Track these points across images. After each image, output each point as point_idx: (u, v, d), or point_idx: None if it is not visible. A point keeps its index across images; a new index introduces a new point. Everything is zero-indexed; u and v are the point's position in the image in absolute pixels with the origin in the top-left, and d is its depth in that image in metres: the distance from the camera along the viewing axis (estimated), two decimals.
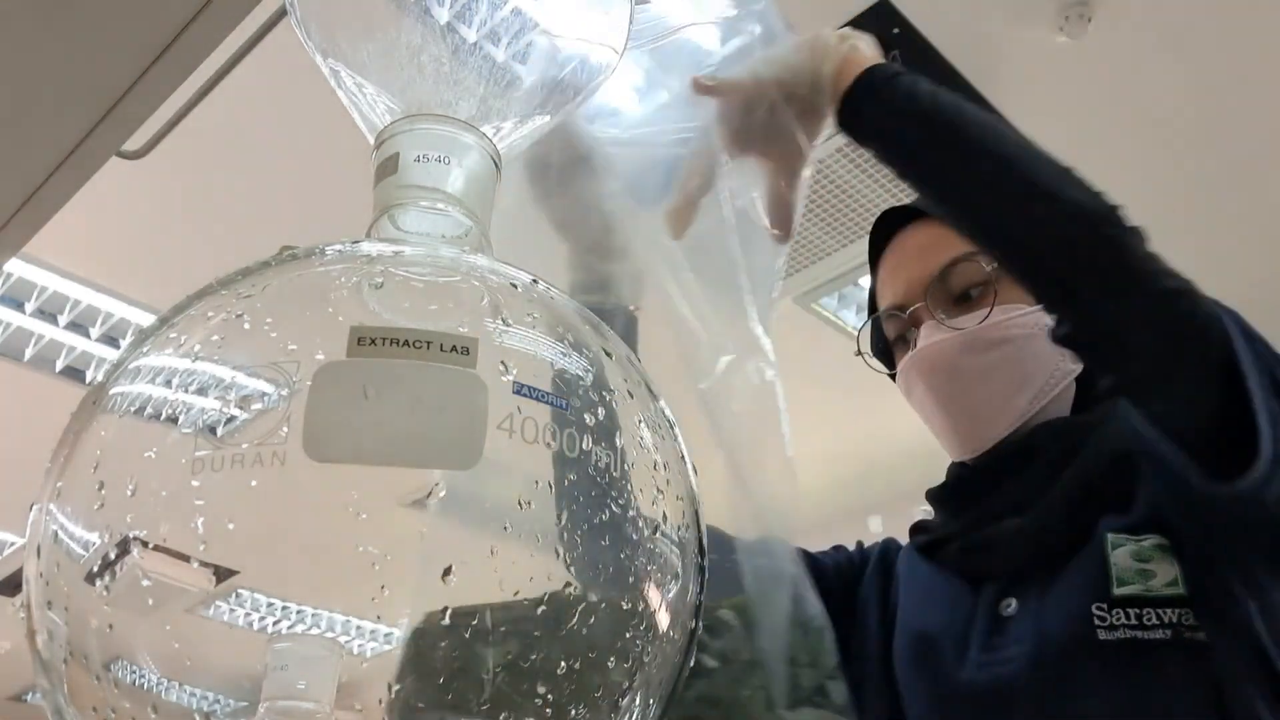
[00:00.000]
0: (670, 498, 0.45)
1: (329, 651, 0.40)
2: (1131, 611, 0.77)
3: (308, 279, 0.46)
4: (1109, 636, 0.77)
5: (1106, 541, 0.81)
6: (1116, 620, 0.77)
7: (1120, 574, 0.79)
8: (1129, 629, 0.77)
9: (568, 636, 0.41)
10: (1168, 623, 0.77)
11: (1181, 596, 0.77)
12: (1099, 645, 0.77)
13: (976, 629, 0.85)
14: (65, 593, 0.40)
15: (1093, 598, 0.79)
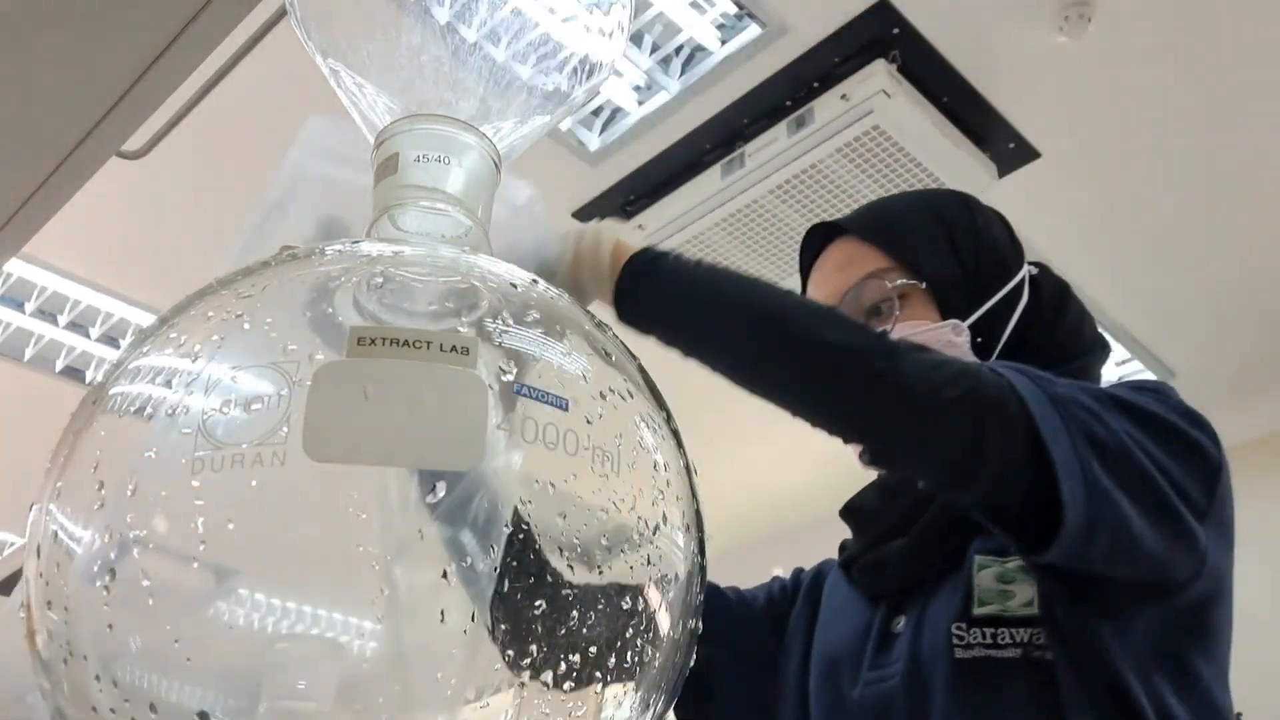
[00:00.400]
0: (670, 498, 0.45)
1: (329, 651, 0.40)
2: (988, 631, 0.81)
3: (308, 279, 0.46)
4: (965, 655, 0.80)
5: (974, 563, 0.84)
6: (973, 639, 0.81)
7: (982, 595, 0.82)
8: (984, 648, 0.80)
9: (568, 636, 0.41)
10: (1019, 642, 0.80)
11: (1034, 616, 0.80)
12: (956, 664, 0.80)
13: (870, 647, 0.88)
14: (65, 593, 0.40)
15: (955, 617, 0.82)
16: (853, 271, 0.95)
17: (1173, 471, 0.78)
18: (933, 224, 0.97)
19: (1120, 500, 0.73)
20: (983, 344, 0.93)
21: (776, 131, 2.31)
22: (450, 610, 0.40)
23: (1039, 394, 0.74)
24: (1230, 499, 0.85)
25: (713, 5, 2.15)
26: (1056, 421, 0.72)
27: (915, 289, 0.93)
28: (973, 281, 0.95)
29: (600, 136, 2.44)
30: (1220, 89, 2.26)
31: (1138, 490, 0.74)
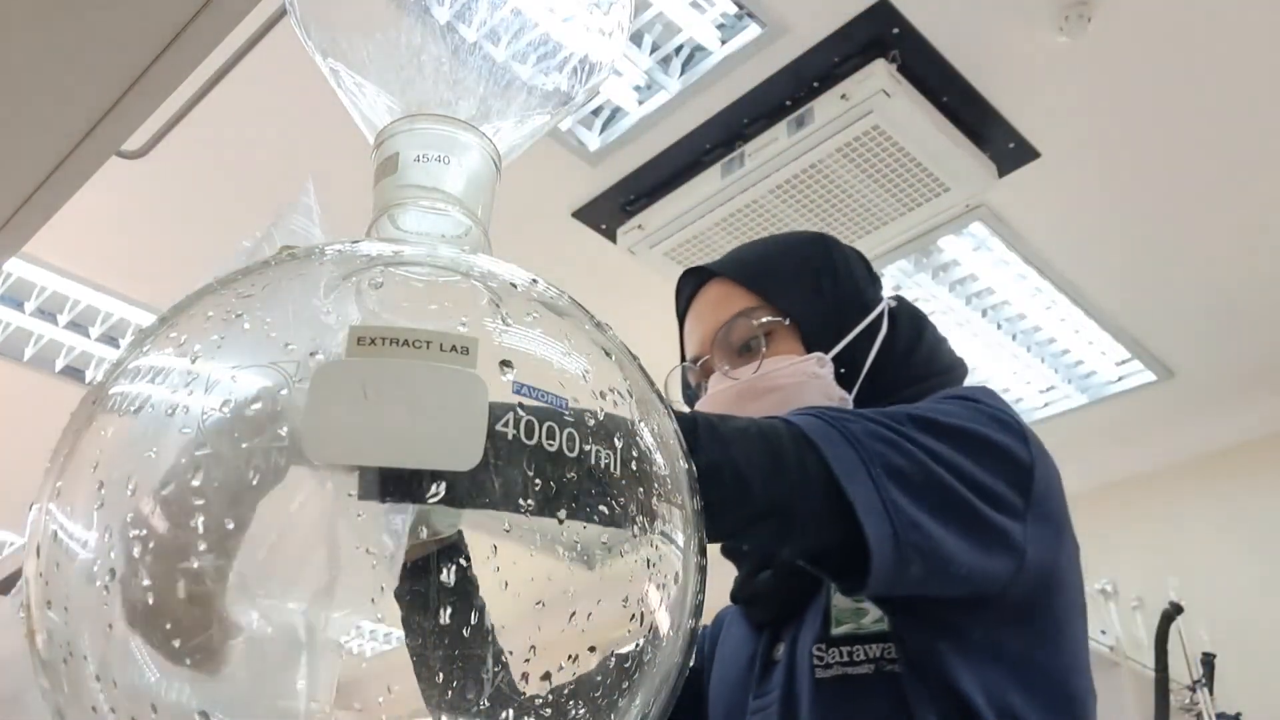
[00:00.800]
0: (670, 497, 0.45)
1: (329, 651, 0.40)
2: (844, 649, 0.85)
3: (308, 279, 0.46)
4: (824, 675, 0.85)
5: (829, 586, 0.88)
6: (832, 659, 0.85)
7: (838, 615, 0.87)
8: (841, 666, 0.85)
9: (567, 636, 0.41)
10: (872, 658, 0.84)
11: (884, 632, 0.84)
12: (817, 684, 0.85)
13: (754, 676, 0.93)
14: (65, 593, 0.40)
15: (816, 639, 0.86)
16: (724, 311, 1.01)
17: (980, 479, 0.80)
18: (796, 264, 1.03)
19: (927, 524, 0.75)
20: (846, 374, 0.98)
21: (776, 131, 2.31)
22: (451, 610, 0.40)
23: (833, 435, 0.76)
24: (1053, 492, 0.87)
25: (713, 5, 2.15)
26: (853, 460, 0.75)
27: (780, 325, 0.99)
28: (834, 316, 1.00)
29: (600, 136, 2.45)
30: (1220, 89, 2.26)
31: (944, 509, 0.77)
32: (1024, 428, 0.87)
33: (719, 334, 1.00)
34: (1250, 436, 3.31)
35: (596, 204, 2.60)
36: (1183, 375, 3.15)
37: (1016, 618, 0.84)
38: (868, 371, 0.98)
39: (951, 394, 0.91)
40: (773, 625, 0.94)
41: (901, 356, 1.00)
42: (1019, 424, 0.87)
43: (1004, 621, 0.84)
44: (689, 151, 2.44)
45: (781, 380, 0.96)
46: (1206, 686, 2.92)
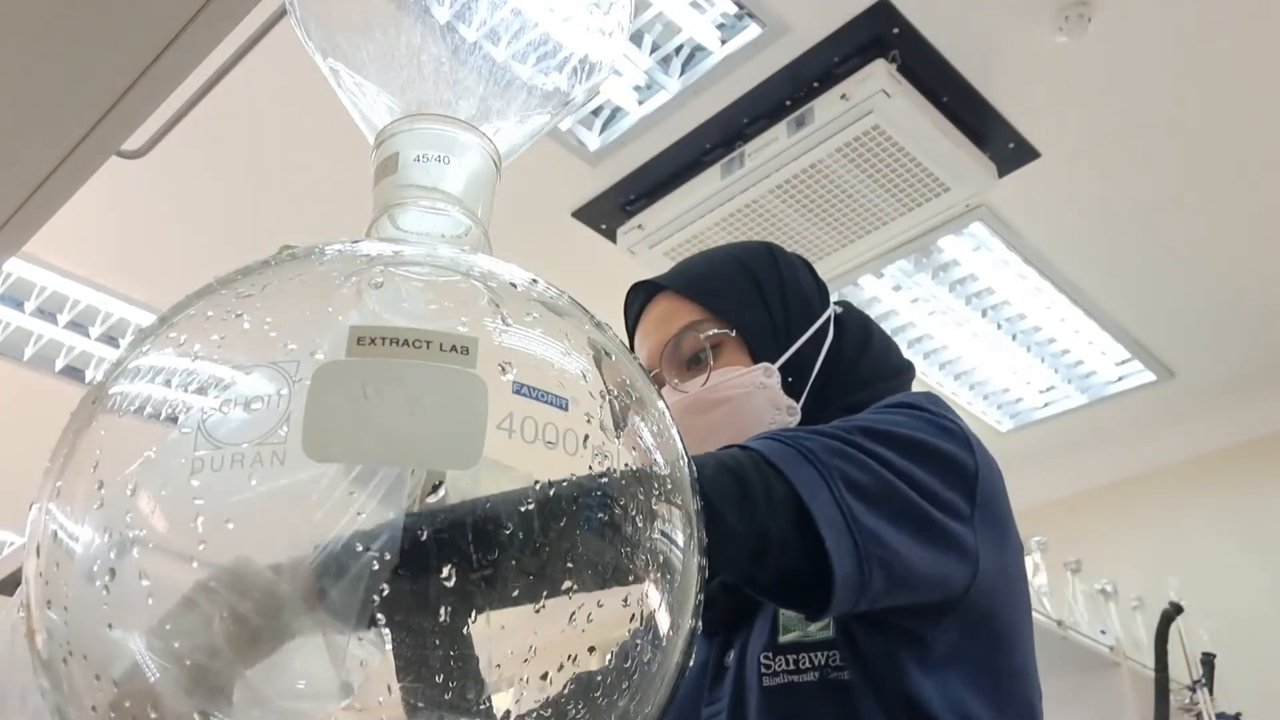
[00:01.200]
0: (670, 497, 0.45)
1: (329, 651, 0.40)
2: (790, 657, 0.86)
3: (307, 278, 0.46)
4: (771, 682, 0.85)
5: None
6: (778, 666, 0.86)
7: (786, 622, 0.87)
8: (787, 674, 0.85)
9: (567, 636, 0.41)
10: (817, 665, 0.84)
11: (829, 640, 0.85)
12: (764, 691, 0.85)
13: (706, 683, 0.93)
14: (65, 592, 0.40)
15: (764, 647, 0.87)
16: (671, 324, 1.02)
17: (932, 486, 0.82)
18: (740, 275, 1.04)
19: (887, 535, 0.76)
20: (793, 382, 0.99)
21: (776, 131, 2.31)
22: (451, 609, 0.40)
23: (791, 454, 0.76)
24: (997, 496, 0.89)
25: (713, 5, 2.16)
26: (815, 477, 0.75)
27: (727, 337, 1.00)
28: (780, 326, 1.01)
29: (600, 136, 2.45)
30: (1220, 89, 2.26)
31: (902, 519, 0.78)
32: (967, 434, 0.89)
33: (667, 347, 1.01)
34: (1250, 436, 3.31)
35: (596, 204, 2.60)
36: (1183, 375, 3.15)
37: (974, 621, 0.85)
38: (815, 378, 0.99)
39: (897, 402, 0.91)
40: (725, 632, 0.95)
41: (849, 363, 1.01)
42: (963, 431, 0.89)
43: (963, 626, 0.85)
44: (689, 151, 2.44)
45: (730, 391, 0.97)
46: (1206, 686, 2.92)
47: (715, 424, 0.97)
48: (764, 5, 2.10)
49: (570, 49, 0.60)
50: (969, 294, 2.86)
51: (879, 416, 0.86)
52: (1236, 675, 3.01)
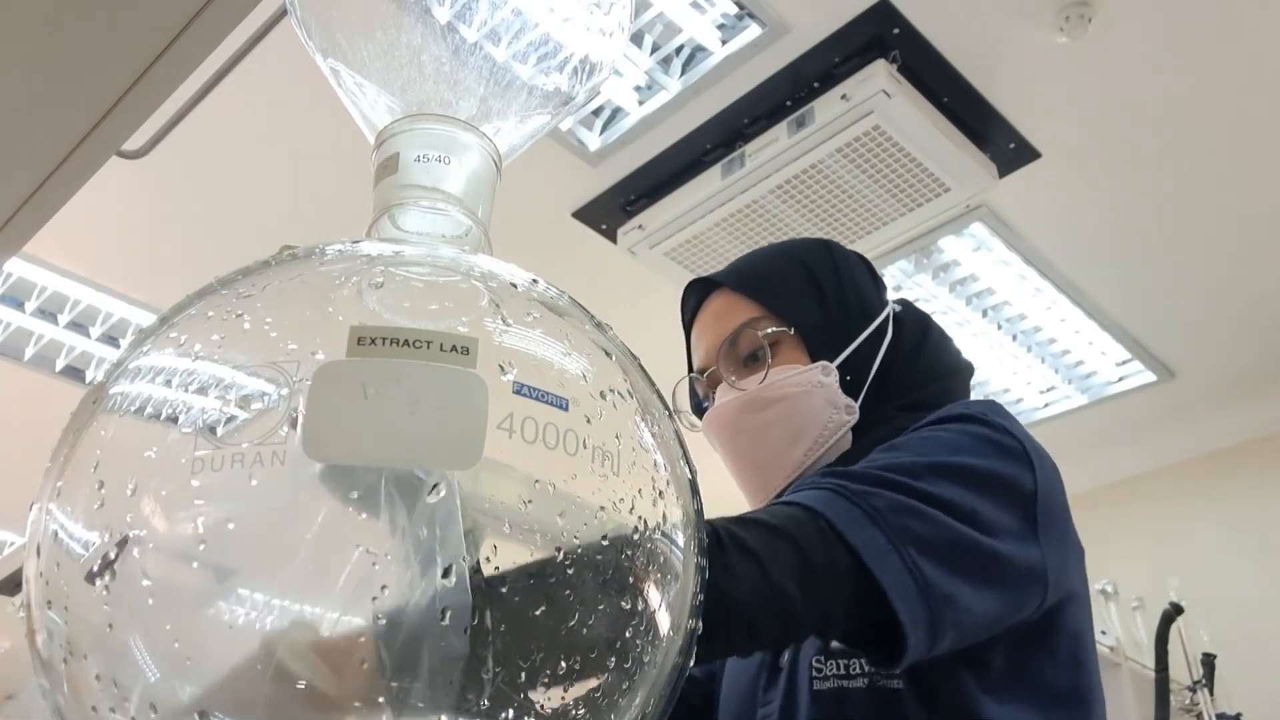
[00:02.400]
0: (670, 497, 0.45)
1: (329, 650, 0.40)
2: (841, 662, 0.86)
3: (308, 279, 0.46)
4: (821, 686, 0.86)
5: None
6: (829, 671, 0.86)
7: None
8: (837, 679, 0.85)
9: (567, 636, 0.41)
10: (866, 672, 0.84)
11: None
12: (814, 695, 0.86)
13: (761, 683, 0.93)
14: (65, 592, 0.40)
15: (815, 650, 0.87)
16: (728, 322, 1.01)
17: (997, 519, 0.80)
18: (798, 273, 1.03)
19: (959, 593, 0.75)
20: (851, 381, 0.98)
21: (777, 131, 2.31)
22: (450, 609, 0.40)
23: (858, 517, 0.74)
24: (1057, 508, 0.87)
25: (713, 5, 2.15)
26: (882, 542, 0.74)
27: (785, 335, 0.99)
28: (838, 324, 1.00)
29: (600, 136, 2.45)
30: (1220, 88, 2.26)
31: (973, 569, 0.77)
32: (1026, 448, 0.87)
33: (724, 345, 1.00)
34: (1250, 436, 3.31)
35: (596, 204, 2.60)
36: (1183, 375, 3.15)
37: (1037, 637, 0.84)
38: (873, 377, 0.98)
39: (957, 414, 0.89)
40: None
41: (907, 361, 1.00)
42: (1022, 445, 0.87)
43: (1026, 643, 0.84)
44: (689, 152, 2.44)
45: (787, 390, 0.96)
46: (1206, 687, 2.92)
47: (771, 422, 0.96)
48: (764, 5, 2.10)
49: (571, 49, 0.60)
50: (969, 294, 2.86)
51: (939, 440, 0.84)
52: (1236, 675, 3.01)
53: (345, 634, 0.39)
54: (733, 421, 0.98)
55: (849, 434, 0.97)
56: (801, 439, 0.96)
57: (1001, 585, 0.79)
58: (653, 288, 2.69)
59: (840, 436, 0.96)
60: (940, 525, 0.77)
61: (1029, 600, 0.82)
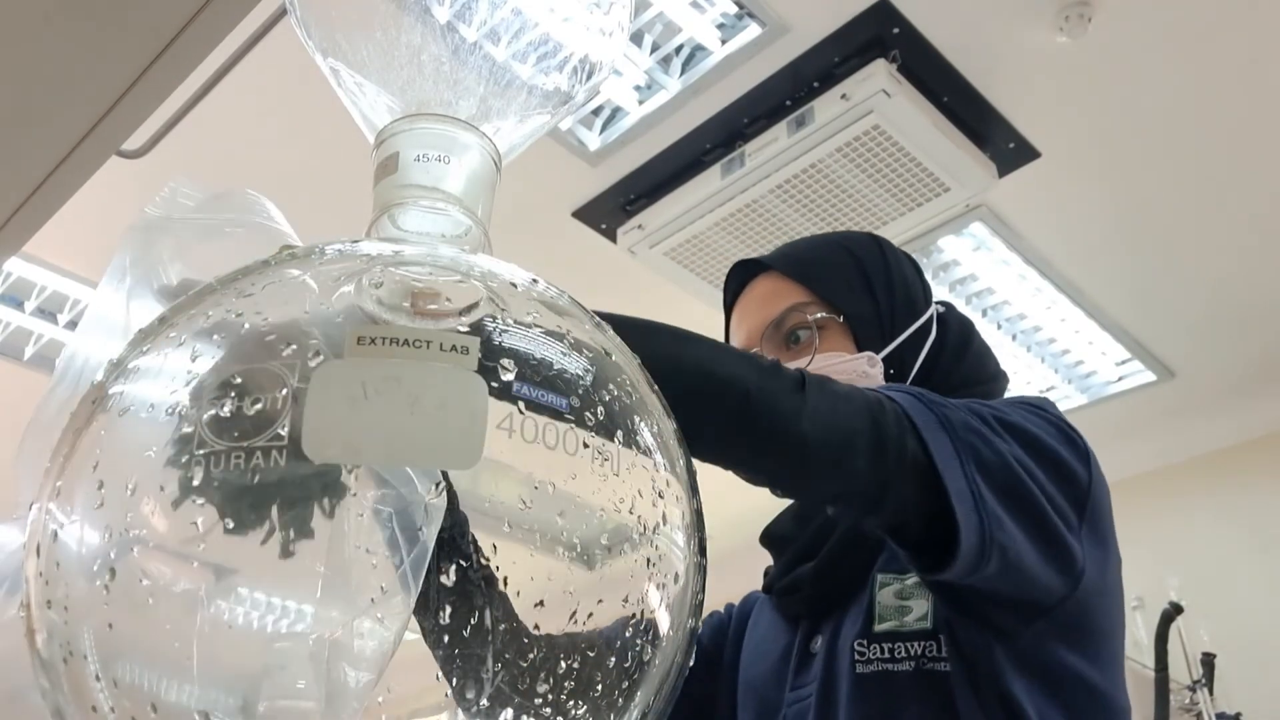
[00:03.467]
0: (670, 498, 0.45)
1: (329, 651, 0.40)
2: (885, 645, 0.85)
3: (308, 278, 0.46)
4: (865, 670, 0.85)
5: (875, 581, 0.89)
6: (873, 654, 0.85)
7: (882, 611, 0.87)
8: (882, 662, 0.85)
9: (567, 635, 0.41)
10: (913, 655, 0.84)
11: (926, 630, 0.85)
12: (857, 678, 0.85)
13: (791, 668, 0.93)
14: (65, 592, 0.40)
15: (858, 634, 0.87)
16: (776, 305, 1.00)
17: (1051, 492, 0.82)
18: (849, 263, 1.02)
19: (1007, 523, 0.76)
20: (895, 375, 0.98)
21: (776, 131, 2.31)
22: (450, 609, 0.40)
23: (932, 420, 0.76)
24: (1104, 514, 0.89)
25: (713, 5, 2.15)
26: (950, 448, 0.75)
27: (833, 322, 0.98)
28: (886, 317, 1.00)
29: (600, 136, 2.44)
30: (1220, 88, 2.26)
31: (1022, 513, 0.78)
32: (1087, 446, 0.88)
33: (769, 327, 0.99)
34: (1250, 436, 3.31)
35: (596, 204, 2.60)
36: (1183, 375, 3.15)
37: (1064, 634, 0.85)
38: (915, 375, 0.98)
39: (1023, 400, 0.90)
40: (811, 617, 0.94)
41: (950, 363, 1.00)
42: (1083, 442, 0.88)
43: (1054, 636, 0.84)
44: (689, 151, 2.44)
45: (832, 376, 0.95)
46: (1206, 686, 2.92)
47: None
48: (764, 5, 2.10)
49: (570, 49, 0.60)
50: (969, 294, 2.86)
51: (1009, 409, 0.85)
52: (1236, 675, 3.00)
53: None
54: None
55: None
56: None
57: (1044, 545, 0.80)
58: (652, 287, 2.69)
59: None
60: (1004, 463, 0.78)
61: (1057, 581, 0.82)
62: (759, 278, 1.04)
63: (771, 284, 1.02)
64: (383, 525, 0.41)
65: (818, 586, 0.93)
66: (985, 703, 0.81)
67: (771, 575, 1.02)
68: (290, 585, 0.40)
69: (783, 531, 1.02)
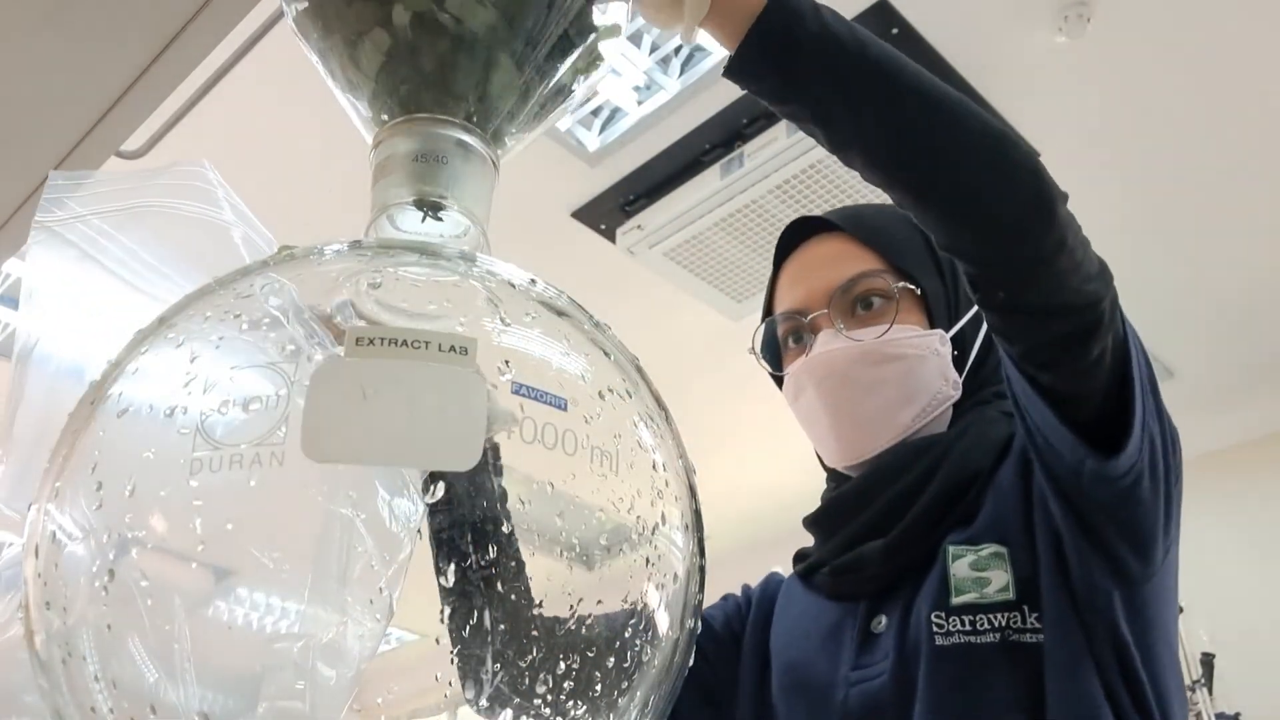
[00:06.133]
0: (669, 498, 0.45)
1: (329, 651, 0.40)
2: (966, 618, 0.83)
3: (306, 279, 0.46)
4: (944, 642, 0.82)
5: (948, 554, 0.86)
6: (953, 627, 0.83)
7: (958, 584, 0.85)
8: (963, 634, 0.82)
9: (567, 635, 0.41)
10: (997, 627, 0.82)
11: (1010, 602, 0.83)
12: (936, 650, 0.82)
13: (848, 649, 0.89)
14: (64, 593, 0.40)
15: (934, 607, 0.84)
16: (846, 267, 0.95)
17: (1171, 464, 0.85)
18: (918, 235, 0.99)
19: (1147, 461, 0.80)
20: (956, 359, 0.96)
21: (776, 131, 2.31)
22: (449, 610, 0.40)
23: (1132, 334, 0.80)
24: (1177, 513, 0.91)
25: None
26: (1138, 344, 0.80)
27: (911, 294, 0.95)
28: (951, 298, 0.98)
29: (600, 136, 2.44)
30: (1220, 89, 2.26)
31: (1154, 465, 0.81)
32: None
33: (837, 290, 0.94)
34: (1251, 436, 3.31)
35: (596, 204, 2.60)
36: (1183, 375, 3.14)
37: (1146, 606, 0.85)
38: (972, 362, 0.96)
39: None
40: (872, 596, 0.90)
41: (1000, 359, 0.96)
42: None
43: (1148, 604, 0.85)
44: (688, 151, 2.44)
45: (907, 349, 0.92)
46: (1206, 686, 2.92)
47: (884, 380, 0.92)
48: None
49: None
50: None
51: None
52: (1236, 675, 3.00)
53: None
54: (844, 372, 0.93)
55: (950, 411, 0.94)
56: (912, 403, 0.92)
57: (1157, 504, 0.83)
58: (652, 288, 2.69)
59: (943, 411, 0.93)
60: (1160, 421, 0.83)
61: (1155, 548, 0.84)
62: (824, 236, 0.99)
63: (841, 245, 0.98)
64: (381, 527, 0.41)
65: (888, 563, 0.89)
66: (1076, 675, 0.79)
67: (819, 555, 0.97)
68: (288, 586, 0.40)
69: (840, 510, 0.96)
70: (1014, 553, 0.84)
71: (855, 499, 0.94)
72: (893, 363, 0.92)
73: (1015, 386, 0.82)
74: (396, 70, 0.52)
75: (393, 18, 0.50)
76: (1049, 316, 0.76)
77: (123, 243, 0.66)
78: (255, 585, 0.40)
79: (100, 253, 0.65)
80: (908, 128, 0.73)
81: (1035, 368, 0.78)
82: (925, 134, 0.73)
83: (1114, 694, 0.79)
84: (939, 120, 0.73)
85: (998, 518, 0.86)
